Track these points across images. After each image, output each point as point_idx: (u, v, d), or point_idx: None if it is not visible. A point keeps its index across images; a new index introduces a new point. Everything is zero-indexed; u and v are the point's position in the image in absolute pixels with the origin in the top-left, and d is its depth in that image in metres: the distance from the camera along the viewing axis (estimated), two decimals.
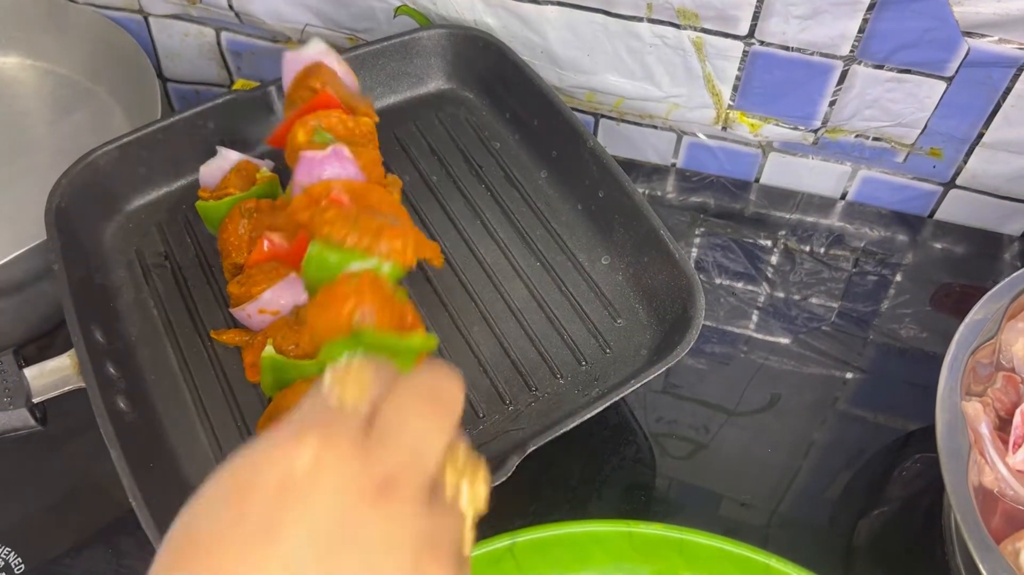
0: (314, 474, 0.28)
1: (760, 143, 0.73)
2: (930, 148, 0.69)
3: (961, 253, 0.72)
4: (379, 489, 0.28)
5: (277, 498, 0.27)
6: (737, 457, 0.61)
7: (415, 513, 0.28)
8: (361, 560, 0.27)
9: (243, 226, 0.59)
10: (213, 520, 0.28)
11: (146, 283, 0.62)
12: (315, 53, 0.58)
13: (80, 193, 0.61)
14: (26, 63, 0.82)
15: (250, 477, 0.28)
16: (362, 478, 0.28)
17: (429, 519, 0.29)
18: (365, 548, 0.27)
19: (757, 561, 0.49)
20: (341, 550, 0.27)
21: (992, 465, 0.47)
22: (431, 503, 0.29)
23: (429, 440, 0.30)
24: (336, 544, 0.27)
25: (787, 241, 0.73)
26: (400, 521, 0.28)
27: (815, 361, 0.65)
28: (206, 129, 0.66)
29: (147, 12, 0.79)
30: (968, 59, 0.61)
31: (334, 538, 0.27)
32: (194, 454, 0.55)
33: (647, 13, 0.65)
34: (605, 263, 0.62)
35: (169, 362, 0.59)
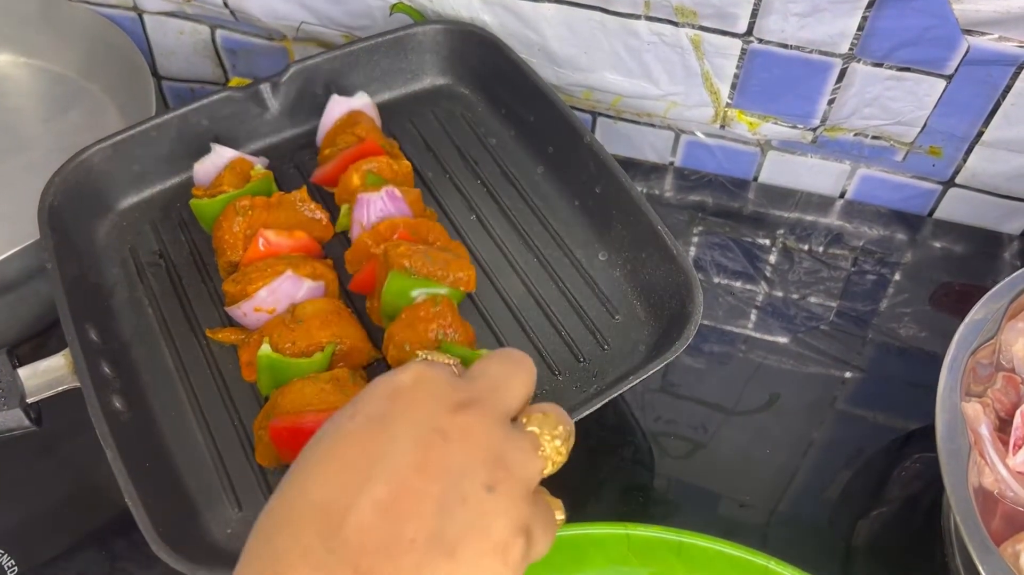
0: (415, 385, 0.36)
1: (759, 141, 0.73)
2: (930, 147, 0.69)
3: (961, 252, 0.72)
4: (462, 403, 0.36)
5: (387, 399, 0.36)
6: (736, 457, 0.61)
7: (489, 427, 0.36)
8: (444, 452, 0.34)
9: (238, 224, 0.59)
10: (334, 423, 0.36)
11: (140, 282, 0.62)
12: (359, 104, 0.67)
13: (73, 191, 0.61)
14: (20, 60, 0.81)
15: (368, 390, 0.37)
16: (451, 394, 0.36)
17: (502, 438, 0.36)
18: (450, 443, 0.34)
19: (756, 563, 0.49)
20: (429, 442, 0.34)
21: (992, 466, 0.47)
22: (506, 429, 0.36)
23: (507, 381, 0.38)
24: (427, 436, 0.34)
25: (786, 240, 0.72)
26: (478, 428, 0.35)
27: (814, 360, 0.65)
28: (200, 126, 0.65)
29: (142, 9, 0.78)
30: (968, 57, 0.60)
31: (425, 432, 0.34)
32: (190, 453, 0.54)
33: (645, 11, 0.65)
34: (603, 259, 0.62)
35: (164, 361, 0.58)
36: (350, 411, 0.36)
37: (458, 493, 0.34)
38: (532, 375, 0.39)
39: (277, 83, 0.67)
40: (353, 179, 0.62)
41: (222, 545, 0.51)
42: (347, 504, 0.33)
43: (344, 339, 0.55)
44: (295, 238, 0.60)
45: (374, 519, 0.32)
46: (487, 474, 0.34)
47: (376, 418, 0.35)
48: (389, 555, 0.32)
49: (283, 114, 0.68)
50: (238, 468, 0.54)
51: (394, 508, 0.33)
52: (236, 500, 0.52)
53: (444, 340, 0.54)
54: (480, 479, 0.34)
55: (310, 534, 0.32)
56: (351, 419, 0.35)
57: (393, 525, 0.32)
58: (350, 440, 0.35)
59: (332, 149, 0.65)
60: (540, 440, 0.37)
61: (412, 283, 0.55)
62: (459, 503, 0.34)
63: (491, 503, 0.34)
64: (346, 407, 0.36)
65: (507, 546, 0.34)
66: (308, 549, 0.32)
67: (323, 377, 0.53)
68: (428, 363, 0.38)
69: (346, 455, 0.34)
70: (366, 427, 0.35)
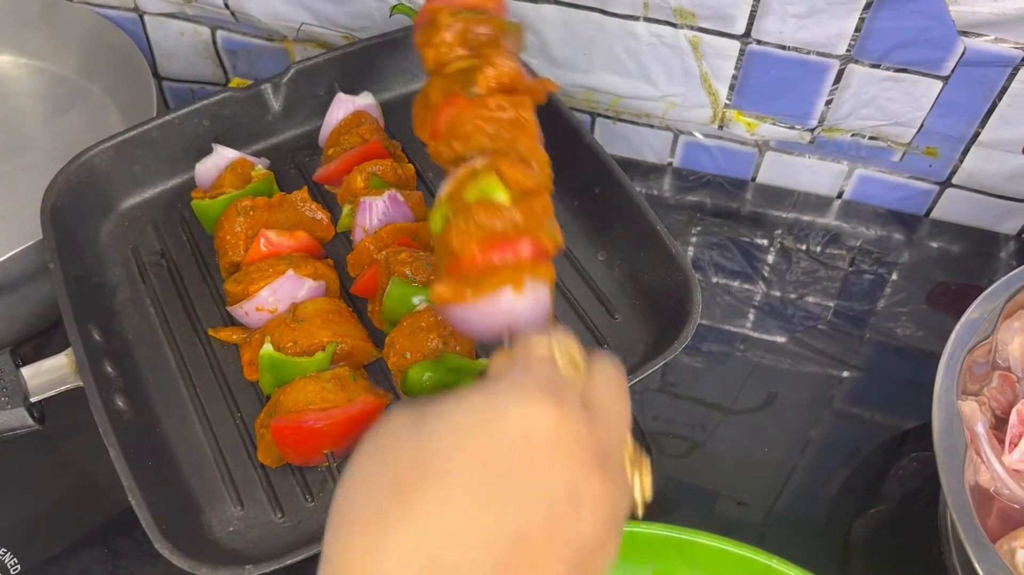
0: (554, 439, 0.31)
1: (757, 142, 0.73)
2: (926, 147, 0.69)
3: (957, 252, 0.72)
4: (602, 460, 0.32)
5: (523, 455, 0.31)
6: (734, 456, 0.61)
7: (614, 487, 0.32)
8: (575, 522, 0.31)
9: (239, 224, 0.59)
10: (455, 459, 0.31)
11: (143, 281, 0.62)
12: (364, 103, 0.67)
13: (75, 192, 0.61)
14: (20, 61, 0.81)
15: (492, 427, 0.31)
16: (589, 449, 0.32)
17: (619, 493, 0.33)
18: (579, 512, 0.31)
19: (758, 562, 0.49)
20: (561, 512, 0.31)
21: (988, 464, 0.47)
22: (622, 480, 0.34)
23: (626, 421, 0.35)
24: (558, 506, 0.31)
25: (783, 240, 0.73)
26: (616, 488, 0.32)
27: (811, 360, 0.66)
28: (201, 127, 0.66)
29: (142, 10, 0.79)
30: (964, 58, 0.61)
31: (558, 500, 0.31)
32: (192, 452, 0.55)
33: (644, 12, 0.65)
34: (601, 259, 0.62)
35: (167, 360, 0.58)
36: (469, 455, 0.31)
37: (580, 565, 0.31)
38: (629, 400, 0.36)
39: (278, 84, 0.67)
40: (357, 180, 0.62)
41: (224, 543, 0.51)
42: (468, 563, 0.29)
43: (345, 338, 0.56)
44: (296, 238, 0.60)
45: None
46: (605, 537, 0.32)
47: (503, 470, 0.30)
48: None
49: (284, 115, 0.69)
50: (240, 466, 0.54)
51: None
52: (238, 498, 0.53)
53: (444, 350, 0.54)
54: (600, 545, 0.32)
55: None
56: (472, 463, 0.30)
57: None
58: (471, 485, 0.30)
59: (336, 149, 0.65)
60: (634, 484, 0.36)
61: (413, 291, 0.55)
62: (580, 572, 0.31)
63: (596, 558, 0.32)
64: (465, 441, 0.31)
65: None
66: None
67: (324, 376, 0.53)
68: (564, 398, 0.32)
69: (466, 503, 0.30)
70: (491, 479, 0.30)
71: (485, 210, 0.46)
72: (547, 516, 0.30)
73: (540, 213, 0.47)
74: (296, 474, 0.54)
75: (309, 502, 0.53)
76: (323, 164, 0.66)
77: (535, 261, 0.46)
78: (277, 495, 0.53)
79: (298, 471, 0.54)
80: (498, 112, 0.49)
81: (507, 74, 0.50)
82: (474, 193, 0.47)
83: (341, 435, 0.52)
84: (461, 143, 0.49)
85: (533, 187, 0.48)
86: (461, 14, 0.52)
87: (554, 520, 0.30)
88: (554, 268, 0.47)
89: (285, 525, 0.52)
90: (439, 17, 0.52)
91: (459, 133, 0.49)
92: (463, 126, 0.49)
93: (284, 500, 0.53)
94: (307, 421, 0.51)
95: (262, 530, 0.52)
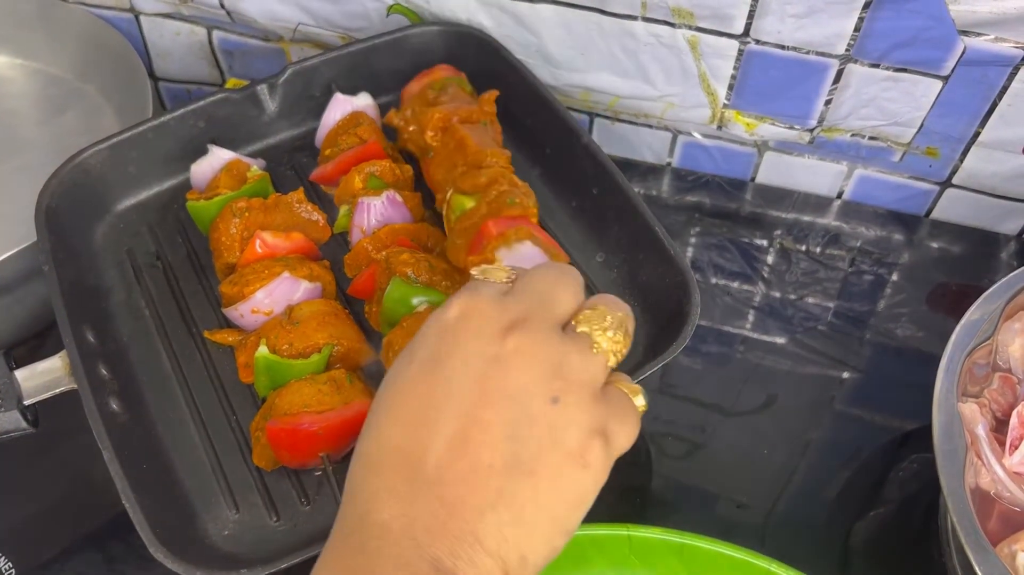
0: (461, 320, 0.37)
1: (756, 142, 0.73)
2: (926, 147, 0.69)
3: (957, 252, 0.72)
4: (511, 324, 0.36)
5: (437, 339, 0.37)
6: (733, 457, 0.61)
7: (540, 342, 0.36)
8: (502, 376, 0.35)
9: (235, 225, 0.59)
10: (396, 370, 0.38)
11: (138, 283, 0.62)
12: (362, 104, 0.67)
13: (70, 193, 0.61)
14: (15, 62, 0.81)
15: (419, 335, 0.38)
16: (499, 319, 0.37)
17: (555, 348, 0.36)
18: (506, 368, 0.36)
19: (758, 566, 0.49)
20: (488, 372, 0.35)
21: (988, 467, 0.47)
22: (558, 338, 0.37)
23: (552, 292, 0.38)
24: (482, 366, 0.36)
25: (783, 240, 0.73)
26: (530, 347, 0.36)
27: (811, 361, 0.65)
28: (197, 128, 0.65)
29: (138, 11, 0.78)
30: (964, 58, 0.61)
31: (480, 362, 0.36)
32: (187, 455, 0.54)
33: (642, 12, 0.65)
34: (599, 260, 0.62)
35: (161, 363, 0.58)
36: (407, 356, 0.38)
37: (525, 414, 0.35)
38: (578, 281, 0.40)
39: (274, 84, 0.67)
40: (355, 181, 0.62)
41: (219, 547, 0.51)
42: (423, 445, 0.35)
43: (341, 340, 0.55)
44: (292, 239, 0.60)
45: (450, 455, 0.34)
46: (547, 388, 0.36)
47: (430, 360, 0.37)
48: (470, 484, 0.34)
49: (280, 115, 0.68)
50: (235, 470, 0.54)
51: (466, 441, 0.35)
52: (233, 502, 0.52)
53: None
54: (542, 395, 0.36)
55: (394, 475, 0.35)
56: (409, 364, 0.37)
57: (468, 457, 0.34)
58: (412, 385, 0.37)
59: (333, 149, 0.65)
60: (592, 338, 0.38)
61: (413, 291, 0.55)
62: (527, 423, 0.35)
63: (558, 415, 0.35)
64: (404, 352, 0.38)
65: (583, 451, 0.36)
66: (394, 488, 0.35)
67: (320, 378, 0.53)
68: (472, 290, 0.38)
69: (411, 401, 0.36)
70: (424, 370, 0.37)
71: (461, 222, 0.57)
72: (473, 378, 0.35)
73: (498, 195, 0.56)
74: (292, 477, 0.53)
75: (305, 505, 0.52)
76: (320, 165, 0.66)
77: (514, 229, 0.55)
78: (273, 498, 0.53)
79: (294, 474, 0.53)
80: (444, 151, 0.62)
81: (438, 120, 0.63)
82: (453, 215, 0.58)
83: (337, 438, 0.52)
84: (441, 194, 0.61)
85: (486, 180, 0.58)
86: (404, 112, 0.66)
87: (479, 380, 0.35)
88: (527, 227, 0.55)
89: (281, 528, 0.52)
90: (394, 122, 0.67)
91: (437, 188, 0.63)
92: (434, 178, 0.62)
93: (280, 503, 0.53)
94: (302, 424, 0.51)
95: (257, 533, 0.51)
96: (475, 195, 0.58)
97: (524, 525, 0.35)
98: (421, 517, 0.34)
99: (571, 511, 0.36)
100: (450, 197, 0.59)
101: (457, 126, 0.62)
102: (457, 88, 0.66)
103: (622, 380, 0.39)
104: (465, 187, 0.58)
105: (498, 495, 0.34)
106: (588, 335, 0.38)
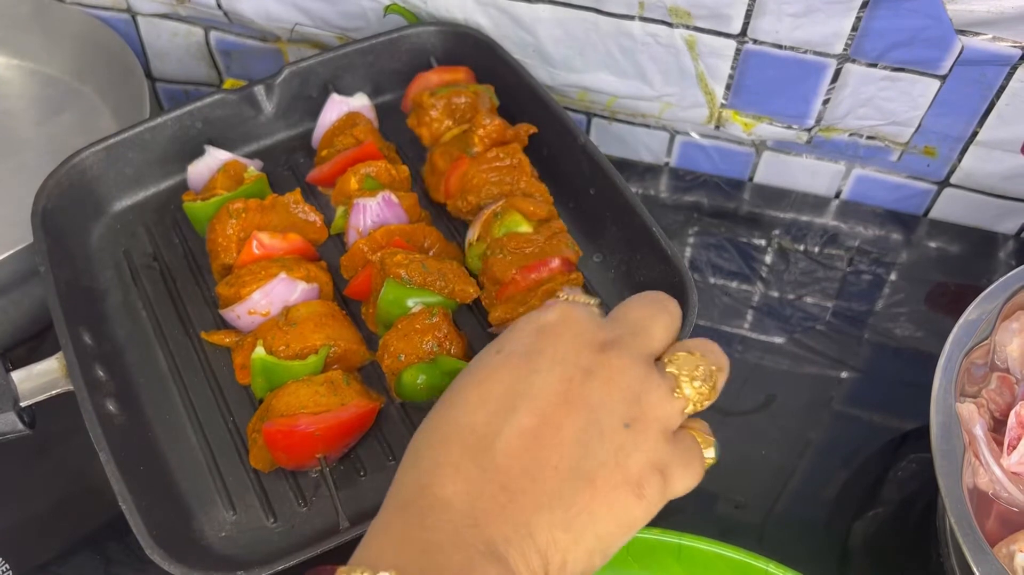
0: (560, 323, 0.38)
1: (754, 142, 0.73)
2: (924, 147, 0.69)
3: (956, 252, 0.72)
4: (605, 343, 0.38)
5: (534, 335, 0.38)
6: (732, 458, 0.59)
7: (629, 368, 0.37)
8: (586, 386, 0.37)
9: (231, 226, 0.59)
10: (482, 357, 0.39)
11: (134, 284, 0.62)
12: (358, 104, 0.67)
13: (67, 194, 0.61)
14: (12, 63, 0.81)
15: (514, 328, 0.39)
16: (595, 334, 0.38)
17: (642, 378, 0.38)
18: (591, 379, 0.37)
19: (755, 566, 0.49)
20: (572, 376, 0.37)
21: (987, 467, 0.47)
22: (647, 369, 0.38)
23: (649, 324, 0.40)
24: (570, 371, 0.37)
25: (781, 240, 0.72)
26: (618, 368, 0.37)
27: (810, 361, 0.65)
28: (194, 129, 0.65)
29: (135, 11, 0.78)
30: (962, 57, 0.60)
31: (569, 368, 0.37)
32: (184, 456, 0.54)
33: (639, 11, 0.65)
34: (597, 261, 0.62)
35: (158, 364, 0.58)
36: (497, 346, 0.39)
37: (597, 427, 0.36)
38: (676, 317, 0.41)
39: (271, 85, 0.67)
40: (351, 182, 0.62)
41: (216, 548, 0.51)
42: (496, 430, 0.36)
43: (338, 341, 0.55)
44: (289, 240, 0.60)
45: (520, 445, 0.35)
46: (625, 411, 0.37)
47: (522, 353, 0.38)
48: (533, 479, 0.35)
49: (277, 116, 0.68)
50: (232, 471, 0.54)
51: (538, 436, 0.36)
52: (230, 503, 0.52)
53: (439, 353, 0.54)
54: (618, 415, 0.36)
55: (461, 452, 0.36)
56: (498, 353, 0.38)
57: (537, 452, 0.35)
58: (499, 372, 0.37)
59: (330, 150, 0.65)
60: (679, 382, 0.39)
61: (407, 293, 0.55)
62: (597, 436, 0.36)
63: (627, 438, 0.36)
64: (492, 343, 0.39)
65: (641, 481, 0.36)
66: (459, 465, 0.35)
67: (317, 379, 0.53)
68: (572, 304, 0.39)
69: (494, 386, 0.37)
70: (513, 360, 0.38)
71: (514, 240, 0.57)
72: (559, 379, 0.36)
73: (558, 233, 0.57)
74: (289, 478, 0.53)
75: (302, 507, 0.52)
76: (316, 166, 0.66)
77: (564, 272, 0.56)
78: (270, 500, 0.53)
79: (291, 475, 0.53)
80: (497, 163, 0.61)
81: (495, 130, 0.63)
82: (501, 230, 0.58)
83: (333, 439, 0.52)
84: (474, 195, 0.60)
85: (546, 215, 0.59)
86: (439, 92, 0.65)
87: (564, 382, 0.36)
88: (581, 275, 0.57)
89: (278, 530, 0.52)
90: (422, 100, 0.65)
91: (471, 187, 0.61)
92: (472, 180, 0.61)
93: (277, 505, 0.52)
94: (299, 425, 0.50)
95: (254, 535, 0.51)
96: (532, 222, 0.58)
97: (573, 531, 0.35)
98: (482, 499, 0.35)
99: (617, 532, 0.37)
100: (501, 210, 0.59)
101: (517, 146, 0.62)
102: (491, 101, 0.66)
103: (699, 429, 0.40)
104: (525, 209, 0.58)
105: (557, 497, 0.35)
106: (676, 377, 0.39)
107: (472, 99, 0.65)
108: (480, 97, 0.65)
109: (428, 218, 0.63)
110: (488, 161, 0.61)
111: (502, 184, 0.61)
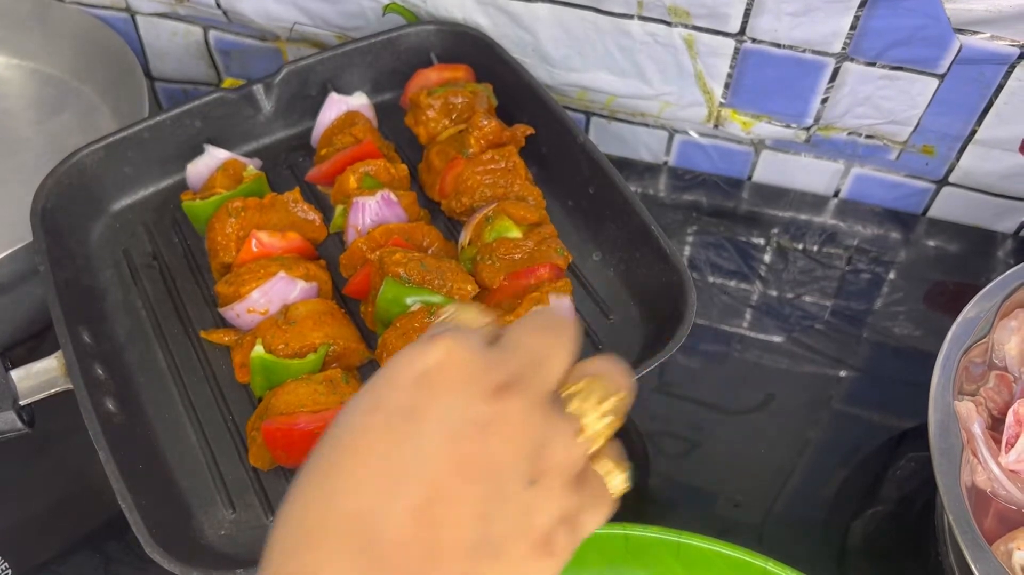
0: (444, 369, 0.32)
1: (752, 141, 0.73)
2: (923, 145, 0.69)
3: (954, 251, 0.72)
4: (499, 387, 0.32)
5: (413, 388, 0.32)
6: (731, 456, 0.60)
7: (528, 414, 0.32)
8: (482, 446, 0.31)
9: (231, 225, 0.59)
10: (352, 417, 0.32)
11: (134, 283, 0.62)
12: (357, 103, 0.67)
13: (66, 193, 0.61)
14: (12, 62, 0.81)
15: (389, 376, 0.33)
16: (485, 376, 0.32)
17: (542, 425, 0.33)
18: (486, 436, 0.31)
19: (754, 564, 0.49)
20: (465, 435, 0.31)
21: (985, 465, 0.47)
22: (546, 413, 0.33)
23: (546, 356, 0.34)
24: (462, 429, 0.31)
25: (780, 239, 0.73)
26: (517, 418, 0.32)
27: (809, 359, 0.65)
28: (193, 128, 0.65)
29: (134, 10, 0.78)
30: (960, 56, 0.60)
31: (460, 425, 0.31)
32: (184, 455, 0.54)
33: (638, 11, 0.65)
34: (596, 259, 0.62)
35: (158, 363, 0.58)
36: (370, 403, 0.32)
37: (499, 493, 0.31)
38: (573, 340, 0.35)
39: (270, 84, 0.67)
40: (349, 181, 0.62)
41: (215, 547, 0.51)
42: (382, 514, 0.30)
43: (337, 340, 0.55)
44: (288, 239, 0.60)
45: (413, 528, 0.30)
46: (528, 467, 0.32)
47: (402, 412, 0.32)
48: (434, 565, 0.30)
49: (276, 115, 0.68)
50: (231, 469, 0.54)
51: (433, 514, 0.30)
52: (230, 501, 0.52)
53: None
54: (520, 474, 0.32)
55: (345, 550, 0.30)
56: (372, 413, 0.32)
57: (434, 532, 0.30)
58: (375, 438, 0.32)
59: (329, 149, 0.65)
60: (584, 418, 0.34)
61: (406, 291, 0.55)
62: (500, 504, 0.31)
63: (532, 498, 0.32)
64: (362, 397, 0.33)
65: (550, 539, 0.33)
66: (344, 567, 0.30)
67: (316, 378, 0.53)
68: (457, 335, 0.33)
69: (372, 457, 0.31)
70: (392, 423, 0.32)
71: (504, 246, 0.56)
72: (448, 440, 0.31)
73: (548, 238, 0.56)
74: (288, 477, 0.53)
75: None
76: (315, 164, 0.66)
77: (553, 279, 0.56)
78: (269, 498, 0.53)
79: (290, 474, 0.53)
80: (492, 165, 0.61)
81: (492, 131, 0.62)
82: (492, 234, 0.57)
83: None
84: (468, 196, 0.60)
85: (537, 219, 0.58)
86: (437, 92, 0.65)
87: (455, 443, 0.31)
88: (569, 281, 0.56)
89: None
90: (420, 99, 0.65)
91: (465, 189, 0.61)
92: (467, 182, 0.61)
93: (276, 503, 0.52)
94: (298, 423, 0.51)
95: (254, 533, 0.51)
96: (522, 227, 0.58)
97: None
98: None
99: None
100: (492, 214, 0.58)
101: (513, 149, 0.62)
102: (489, 101, 0.66)
103: (605, 460, 0.36)
104: (516, 214, 0.58)
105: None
106: (579, 415, 0.35)
107: (470, 99, 0.65)
108: (478, 97, 0.65)
109: (427, 217, 0.63)
110: (483, 163, 0.61)
111: (496, 187, 0.61)
